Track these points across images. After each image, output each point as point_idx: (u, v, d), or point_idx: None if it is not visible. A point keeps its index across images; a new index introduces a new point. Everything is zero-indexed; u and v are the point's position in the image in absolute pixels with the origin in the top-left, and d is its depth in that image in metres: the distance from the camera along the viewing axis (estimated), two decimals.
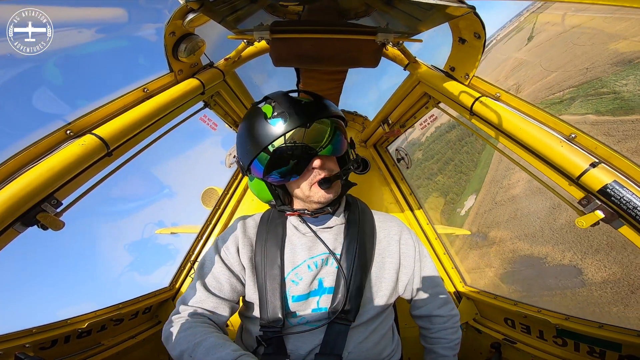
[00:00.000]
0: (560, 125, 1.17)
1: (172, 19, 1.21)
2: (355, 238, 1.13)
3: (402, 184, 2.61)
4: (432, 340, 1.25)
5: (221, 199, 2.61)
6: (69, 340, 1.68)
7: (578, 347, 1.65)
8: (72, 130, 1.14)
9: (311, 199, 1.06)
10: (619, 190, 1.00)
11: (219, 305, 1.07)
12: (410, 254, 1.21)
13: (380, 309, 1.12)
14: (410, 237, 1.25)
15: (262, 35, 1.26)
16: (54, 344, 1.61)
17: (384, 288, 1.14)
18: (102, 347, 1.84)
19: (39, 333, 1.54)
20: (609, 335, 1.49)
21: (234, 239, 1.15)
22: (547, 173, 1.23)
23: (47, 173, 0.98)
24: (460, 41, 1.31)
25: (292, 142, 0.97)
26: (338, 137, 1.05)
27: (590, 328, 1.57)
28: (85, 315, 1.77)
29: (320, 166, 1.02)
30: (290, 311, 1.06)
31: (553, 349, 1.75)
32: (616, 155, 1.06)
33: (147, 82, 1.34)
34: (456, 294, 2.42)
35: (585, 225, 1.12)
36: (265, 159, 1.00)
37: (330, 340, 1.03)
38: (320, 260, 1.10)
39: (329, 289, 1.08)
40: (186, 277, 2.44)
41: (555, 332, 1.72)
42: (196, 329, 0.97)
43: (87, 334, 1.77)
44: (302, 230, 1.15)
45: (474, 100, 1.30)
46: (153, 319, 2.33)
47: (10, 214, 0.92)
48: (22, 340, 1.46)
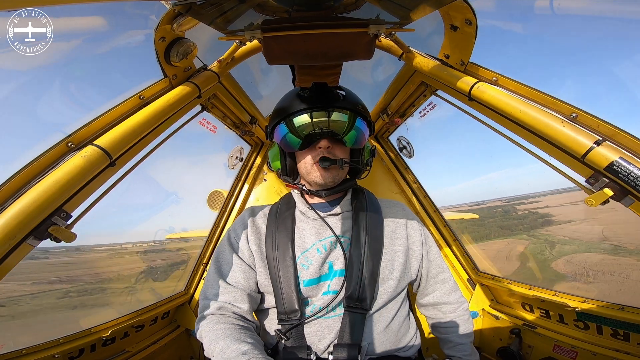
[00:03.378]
0: (561, 105, 1.15)
1: (160, 24, 1.21)
2: (364, 225, 1.15)
3: (407, 172, 2.60)
4: (445, 330, 1.25)
5: (227, 201, 2.64)
6: (94, 349, 1.73)
7: (601, 330, 1.63)
8: (73, 142, 1.16)
9: (310, 176, 1.15)
10: (626, 167, 0.98)
11: (237, 296, 1.09)
12: (418, 238, 1.23)
13: (394, 294, 1.13)
14: (416, 221, 1.27)
15: (253, 35, 1.25)
16: (82, 353, 1.65)
17: (395, 271, 1.15)
18: (127, 353, 1.89)
19: (65, 343, 1.58)
20: (632, 318, 1.47)
21: (242, 227, 1.21)
22: (551, 153, 1.21)
23: (54, 187, 1.00)
24: (452, 28, 1.29)
25: (309, 120, 1.11)
26: (353, 131, 1.13)
27: (611, 310, 1.55)
28: (107, 324, 1.82)
29: (326, 147, 1.11)
30: (303, 296, 1.08)
31: (575, 332, 1.73)
32: (619, 132, 1.03)
33: (142, 89, 1.35)
34: (469, 281, 2.41)
35: (595, 204, 1.10)
36: (286, 131, 1.14)
37: (347, 329, 1.04)
38: (329, 244, 1.12)
39: (339, 272, 1.10)
40: (200, 280, 2.49)
41: (576, 316, 1.70)
42: (216, 327, 1.00)
43: (112, 341, 1.82)
44: (310, 216, 1.18)
45: (472, 85, 1.28)
46: (172, 323, 2.38)
47: (22, 229, 0.95)
48: (51, 350, 1.50)
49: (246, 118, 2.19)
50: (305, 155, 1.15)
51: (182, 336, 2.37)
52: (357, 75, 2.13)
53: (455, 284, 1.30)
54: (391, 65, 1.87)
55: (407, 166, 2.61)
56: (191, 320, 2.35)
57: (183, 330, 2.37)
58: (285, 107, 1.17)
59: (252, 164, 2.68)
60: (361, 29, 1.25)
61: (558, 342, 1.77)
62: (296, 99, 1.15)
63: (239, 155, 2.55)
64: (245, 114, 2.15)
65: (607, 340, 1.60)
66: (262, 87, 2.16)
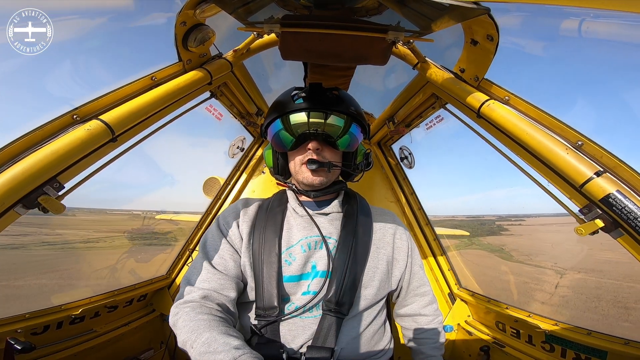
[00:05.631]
0: (568, 131, 1.16)
1: (183, 8, 1.20)
2: (352, 231, 1.15)
3: (404, 183, 2.62)
4: (418, 341, 1.26)
5: (222, 188, 2.62)
6: (61, 326, 1.68)
7: (565, 354, 1.66)
8: (79, 115, 1.14)
9: (298, 177, 1.16)
10: (621, 200, 0.99)
11: (225, 283, 1.04)
12: (404, 249, 1.23)
13: (373, 301, 1.13)
14: (405, 232, 1.27)
15: (272, 29, 1.25)
16: (46, 330, 1.61)
17: (376, 279, 1.14)
18: (94, 333, 1.85)
19: (31, 318, 1.53)
20: (596, 343, 1.50)
21: (234, 215, 1.18)
22: (550, 179, 1.23)
23: (52, 156, 0.98)
24: (472, 43, 1.29)
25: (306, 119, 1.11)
26: (347, 135, 1.13)
27: (578, 335, 1.58)
28: (80, 302, 1.77)
29: (315, 149, 1.10)
30: (284, 293, 1.07)
31: (540, 354, 1.76)
32: (622, 165, 1.05)
33: (156, 70, 1.34)
34: (450, 295, 2.43)
35: (584, 234, 1.12)
36: (280, 128, 1.14)
37: (323, 332, 1.03)
38: (313, 242, 1.11)
39: (321, 273, 1.08)
40: (184, 265, 2.46)
41: (544, 338, 1.73)
42: (198, 316, 0.93)
43: (80, 320, 1.78)
44: (300, 213, 1.18)
45: (482, 102, 1.29)
46: (147, 306, 2.35)
47: (11, 196, 0.92)
48: (14, 325, 1.46)
49: (253, 109, 2.18)
50: (295, 155, 1.15)
51: (156, 321, 2.33)
52: (369, 79, 2.13)
53: (434, 297, 1.31)
54: (404, 73, 1.88)
55: (405, 176, 2.63)
56: (168, 305, 2.31)
57: (158, 314, 2.34)
58: (283, 104, 1.16)
59: (253, 155, 2.67)
60: (380, 34, 1.25)
61: None
62: (294, 97, 1.14)
63: (240, 144, 2.53)
64: (252, 105, 2.14)
65: None
66: (273, 80, 2.15)
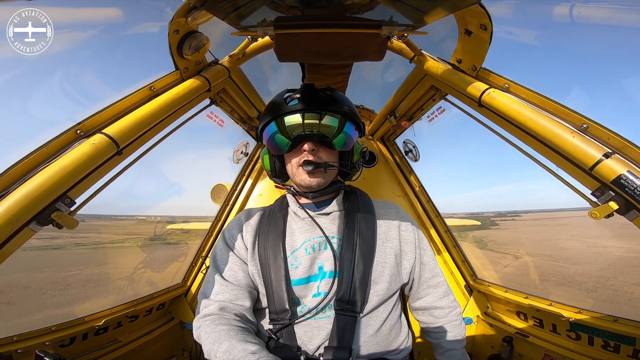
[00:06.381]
0: (572, 115, 1.14)
1: (175, 17, 1.21)
2: (355, 227, 1.14)
3: (411, 176, 2.60)
4: (436, 335, 1.25)
5: (230, 194, 2.64)
6: (86, 337, 1.73)
7: (592, 341, 1.62)
8: (82, 130, 1.16)
9: (296, 179, 1.16)
10: (633, 181, 0.97)
11: (238, 293, 1.08)
12: (411, 240, 1.21)
13: (385, 296, 1.12)
14: (410, 223, 1.25)
15: (265, 32, 1.26)
16: (73, 342, 1.65)
17: (386, 274, 1.13)
18: (119, 343, 1.89)
19: (58, 331, 1.58)
20: (624, 330, 1.47)
21: (238, 227, 1.21)
22: (559, 164, 1.20)
23: (60, 173, 1.01)
24: (467, 33, 1.28)
25: (300, 121, 1.10)
26: (342, 134, 1.13)
27: (604, 322, 1.54)
28: (102, 313, 1.82)
29: (311, 150, 1.10)
30: (294, 296, 1.08)
31: (566, 342, 1.73)
32: (630, 145, 1.02)
33: (154, 80, 1.35)
34: (467, 288, 2.40)
35: (599, 217, 1.09)
36: (275, 131, 1.15)
37: (338, 332, 1.03)
38: (317, 244, 1.12)
39: (329, 274, 1.09)
40: (198, 272, 2.49)
41: (569, 326, 1.69)
42: (218, 327, 0.97)
43: (104, 330, 1.82)
44: (301, 215, 1.18)
45: (482, 92, 1.28)
46: (167, 315, 2.39)
47: (25, 214, 0.95)
48: (42, 338, 1.50)
49: (254, 113, 2.19)
50: (292, 157, 1.15)
51: (176, 328, 2.37)
52: (367, 75, 2.12)
53: (449, 288, 1.28)
54: (401, 67, 1.86)
55: (411, 169, 2.60)
56: (186, 313, 2.36)
57: (177, 322, 2.38)
58: (276, 107, 1.16)
59: (257, 159, 2.68)
60: (374, 30, 1.25)
61: (548, 352, 1.77)
62: (287, 99, 1.14)
63: (244, 149, 2.55)
64: (252, 109, 2.15)
65: (597, 351, 1.60)
66: (272, 83, 2.16)
